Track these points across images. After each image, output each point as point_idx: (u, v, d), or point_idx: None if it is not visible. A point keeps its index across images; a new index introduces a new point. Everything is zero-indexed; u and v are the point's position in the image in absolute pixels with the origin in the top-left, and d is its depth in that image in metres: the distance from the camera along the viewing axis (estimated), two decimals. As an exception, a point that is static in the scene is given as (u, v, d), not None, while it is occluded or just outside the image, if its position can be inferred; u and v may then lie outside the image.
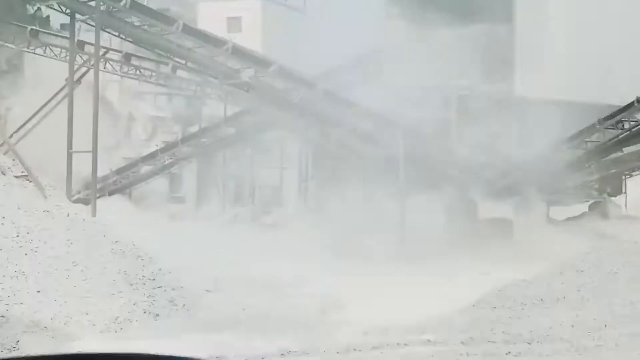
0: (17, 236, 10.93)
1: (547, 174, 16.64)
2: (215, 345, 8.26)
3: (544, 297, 11.80)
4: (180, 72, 18.18)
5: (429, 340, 10.04)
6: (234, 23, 19.84)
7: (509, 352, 9.53)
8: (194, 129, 20.19)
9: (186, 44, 16.48)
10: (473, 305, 12.21)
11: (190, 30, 16.52)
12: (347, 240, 15.97)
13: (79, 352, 4.19)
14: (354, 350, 8.86)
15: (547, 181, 16.86)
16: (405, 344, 9.78)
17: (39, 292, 10.23)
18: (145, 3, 18.05)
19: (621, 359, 9.02)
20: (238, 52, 16.67)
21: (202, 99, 20.40)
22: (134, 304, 10.94)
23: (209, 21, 19.03)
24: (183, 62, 17.08)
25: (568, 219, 18.43)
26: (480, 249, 15.79)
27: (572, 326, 10.57)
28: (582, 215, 18.42)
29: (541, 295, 11.82)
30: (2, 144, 15.87)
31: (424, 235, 16.33)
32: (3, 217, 11.07)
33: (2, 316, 9.08)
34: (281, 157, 20.27)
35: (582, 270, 12.32)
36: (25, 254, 10.77)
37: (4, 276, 10.21)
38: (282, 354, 8.34)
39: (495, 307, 11.79)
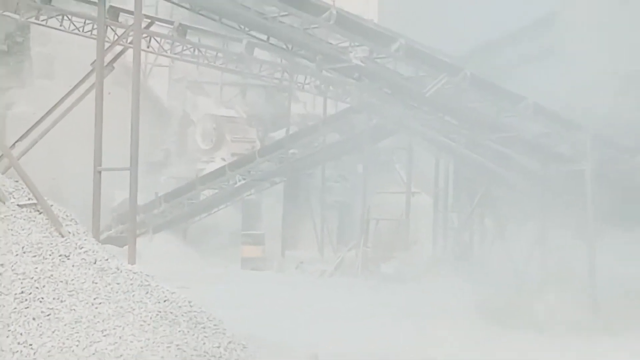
0: (22, 293, 8.01)
1: None
2: None
3: None
4: (258, 52, 15.57)
5: None
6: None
7: None
8: (280, 134, 18.26)
9: (268, 10, 13.36)
10: None
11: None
12: (510, 303, 14.22)
13: None
14: None
15: None
16: None
17: None
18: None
19: None
20: (345, 22, 13.46)
21: (290, 92, 18.32)
22: None
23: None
24: (264, 37, 14.18)
25: None
26: None
27: None
28: None
29: None
30: (0, 157, 13.56)
31: (625, 294, 14.39)
32: (1, 265, 9.94)
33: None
34: (408, 177, 17.78)
35: None
36: (33, 319, 7.57)
37: (2, 351, 7.79)
38: None
39: None
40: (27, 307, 7.62)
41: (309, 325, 12.50)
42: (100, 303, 8.86)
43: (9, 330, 7.45)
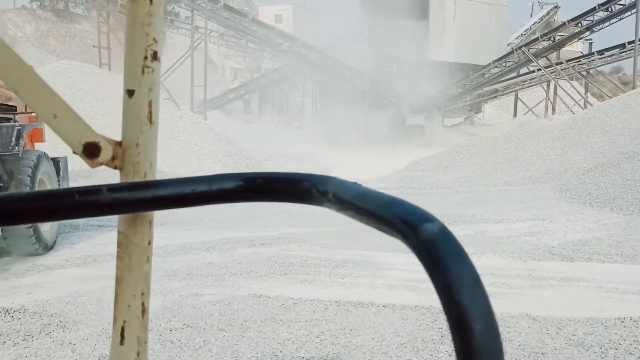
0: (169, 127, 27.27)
1: (442, 101, 33.75)
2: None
3: (439, 165, 18.39)
4: (250, 44, 36.51)
5: (380, 187, 14.03)
6: (278, 18, 37.88)
7: (421, 193, 13.92)
8: (257, 75, 35.74)
9: (253, 28, 34.91)
10: (403, 169, 19.01)
11: (255, 21, 34.45)
12: (336, 136, 28.65)
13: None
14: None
15: (442, 104, 34.02)
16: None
17: (178, 159, 16.94)
18: (230, 4, 36.54)
19: (484, 198, 12.38)
20: (281, 33, 34.68)
21: (261, 59, 36.19)
22: (226, 166, 17.40)
23: (265, 16, 37.01)
24: (252, 38, 35.55)
25: (453, 125, 35.29)
26: (407, 141, 28.84)
27: (454, 180, 15.77)
28: (460, 123, 35.22)
29: (438, 164, 18.49)
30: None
31: (378, 133, 29.32)
32: (162, 119, 22.67)
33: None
34: (303, 90, 36.46)
35: (459, 152, 19.37)
36: (170, 140, 19.08)
37: (169, 149, 18.37)
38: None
39: (414, 170, 18.34)
40: (172, 133, 26.21)
41: (268, 142, 30.99)
42: (194, 133, 24.37)
43: (166, 142, 25.64)
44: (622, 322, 5.14)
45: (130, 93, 0.74)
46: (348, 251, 7.74)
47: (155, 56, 0.76)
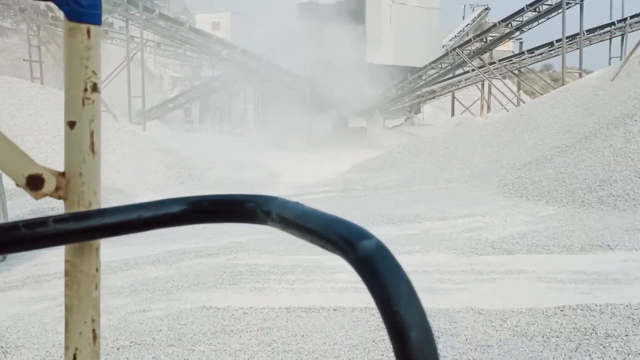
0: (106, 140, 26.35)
1: (383, 103, 34.35)
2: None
3: (382, 166, 18.39)
4: (188, 52, 35.66)
5: (325, 190, 15.15)
6: (215, 25, 37.66)
7: (366, 195, 14.05)
8: (197, 83, 34.55)
9: (190, 36, 34.43)
10: (347, 172, 18.92)
11: (193, 29, 33.91)
12: (280, 141, 27.97)
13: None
14: (288, 196, 24.95)
15: (383, 106, 34.63)
16: (313, 193, 14.71)
17: (117, 172, 15.81)
18: (166, 13, 35.98)
19: (426, 196, 12.83)
20: (219, 41, 34.28)
21: (200, 67, 35.61)
22: (168, 177, 16.83)
23: (202, 24, 36.69)
24: (190, 46, 34.99)
25: (394, 126, 36.02)
26: (350, 143, 28.56)
27: (397, 180, 16.09)
28: (401, 124, 36.01)
29: (381, 165, 18.45)
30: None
31: (321, 137, 29.56)
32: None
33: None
34: (244, 97, 36.24)
35: (401, 152, 19.37)
36: (108, 153, 20.07)
37: (108, 162, 15.77)
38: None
39: (358, 172, 18.33)
40: (105, 148, 27.22)
41: (210, 151, 30.63)
42: (132, 144, 27.97)
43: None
44: (561, 310, 5.36)
45: (71, 125, 0.75)
46: (297, 256, 7.77)
47: (95, 88, 0.77)
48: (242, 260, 7.65)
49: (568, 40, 29.17)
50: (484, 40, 31.07)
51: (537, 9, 29.46)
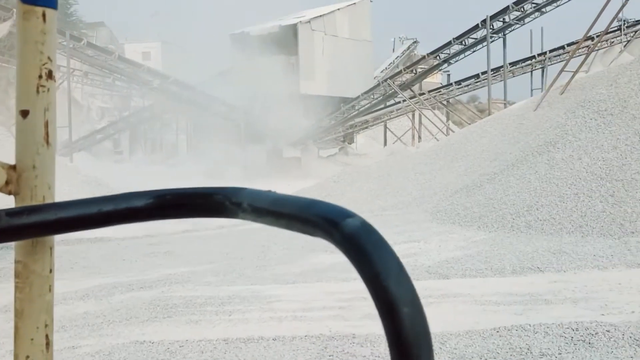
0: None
1: (317, 133, 34.75)
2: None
3: (318, 195, 17.36)
4: (117, 82, 35.31)
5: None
6: (146, 55, 37.24)
7: None
8: (126, 113, 34.98)
9: (120, 66, 33.95)
10: None
11: (122, 58, 33.66)
12: (214, 171, 28.44)
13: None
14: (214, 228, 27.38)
15: (317, 136, 35.01)
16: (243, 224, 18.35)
17: None
18: (94, 42, 35.35)
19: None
20: (150, 70, 34.13)
21: (130, 97, 35.51)
22: None
23: (132, 54, 36.25)
24: (119, 76, 34.55)
25: (328, 156, 36.49)
26: (285, 173, 29.32)
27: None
28: (335, 154, 36.52)
29: (317, 195, 17.46)
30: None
31: (256, 167, 30.06)
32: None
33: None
34: (177, 127, 35.89)
35: (336, 181, 19.36)
36: None
37: None
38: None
39: None
40: None
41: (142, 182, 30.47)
42: (59, 177, 28.62)
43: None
44: (497, 331, 5.49)
45: (24, 114, 0.71)
46: (234, 287, 7.63)
47: (50, 75, 0.73)
48: (176, 292, 7.44)
49: (493, 72, 30.53)
50: (414, 71, 32.10)
51: (463, 42, 30.75)
